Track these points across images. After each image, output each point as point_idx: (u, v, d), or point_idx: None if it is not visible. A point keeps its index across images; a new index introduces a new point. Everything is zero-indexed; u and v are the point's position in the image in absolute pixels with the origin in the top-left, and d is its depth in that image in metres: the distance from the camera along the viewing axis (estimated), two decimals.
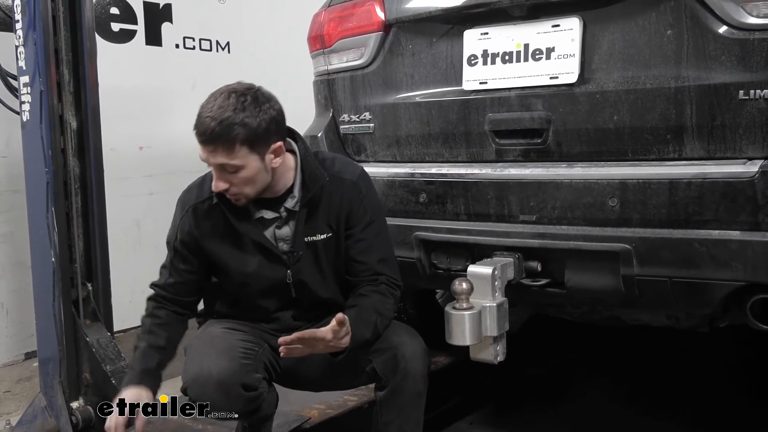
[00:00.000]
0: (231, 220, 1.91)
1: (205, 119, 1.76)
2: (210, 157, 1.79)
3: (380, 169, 2.36)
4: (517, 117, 2.10)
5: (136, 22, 3.93)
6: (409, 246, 2.27)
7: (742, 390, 2.88)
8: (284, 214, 1.93)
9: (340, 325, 1.74)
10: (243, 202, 1.88)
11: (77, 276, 2.49)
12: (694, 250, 1.79)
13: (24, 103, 2.48)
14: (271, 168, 1.84)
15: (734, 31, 1.75)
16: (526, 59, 2.07)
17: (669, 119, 1.87)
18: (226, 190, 1.84)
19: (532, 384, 3.10)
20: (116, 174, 3.30)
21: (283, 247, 1.94)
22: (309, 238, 1.94)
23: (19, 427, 2.55)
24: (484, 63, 2.15)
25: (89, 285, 2.52)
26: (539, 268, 2.09)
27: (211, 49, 4.30)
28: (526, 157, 2.11)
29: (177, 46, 4.12)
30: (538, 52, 2.05)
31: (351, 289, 2.00)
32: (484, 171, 2.15)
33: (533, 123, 2.07)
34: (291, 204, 1.92)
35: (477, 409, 2.89)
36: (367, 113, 2.45)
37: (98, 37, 2.72)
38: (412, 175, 2.29)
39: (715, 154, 1.82)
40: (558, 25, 2.02)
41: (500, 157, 2.17)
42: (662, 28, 1.87)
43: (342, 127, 2.54)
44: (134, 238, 3.94)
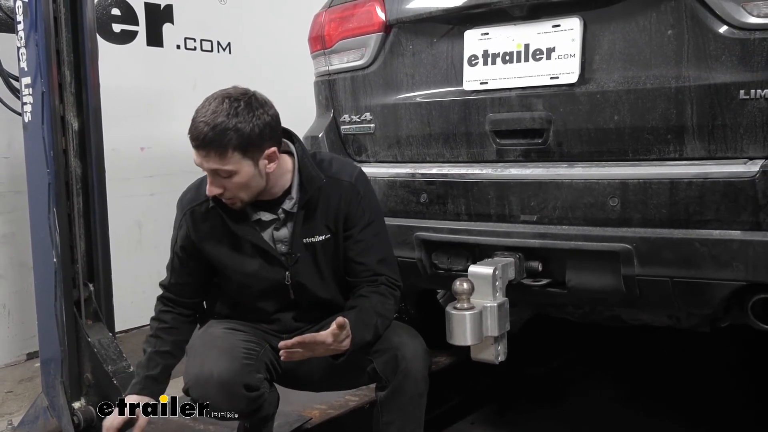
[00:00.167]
0: (228, 223, 1.90)
1: (199, 124, 1.76)
2: (203, 161, 1.79)
3: (381, 170, 2.37)
4: (518, 117, 2.10)
5: (137, 23, 3.94)
6: (410, 246, 2.27)
7: (743, 390, 2.88)
8: (282, 215, 1.93)
9: (341, 329, 1.74)
10: (239, 205, 1.88)
11: (79, 276, 2.49)
12: (695, 250, 1.79)
13: (26, 104, 2.48)
14: (266, 173, 1.84)
15: (735, 31, 1.75)
16: (527, 59, 2.07)
17: (670, 119, 1.87)
18: (220, 195, 1.84)
19: (533, 384, 3.10)
20: (117, 175, 3.31)
21: (281, 248, 1.94)
22: (307, 240, 1.94)
23: (21, 428, 2.55)
24: (485, 63, 2.15)
25: (91, 285, 2.52)
26: (540, 268, 2.09)
27: (212, 50, 4.31)
28: (527, 157, 2.12)
29: (178, 47, 4.14)
30: (538, 52, 2.05)
31: (351, 290, 2.00)
32: (485, 171, 2.15)
33: (534, 123, 2.07)
34: (289, 206, 1.92)
35: (478, 409, 2.89)
36: (368, 114, 2.46)
37: (100, 38, 2.72)
38: (413, 175, 2.29)
39: (716, 154, 1.82)
40: (558, 25, 2.02)
41: (501, 157, 2.17)
42: (663, 28, 1.87)
43: (343, 127, 2.54)
44: (135, 239, 3.95)
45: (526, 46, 2.07)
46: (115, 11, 3.83)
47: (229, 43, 4.38)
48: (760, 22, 1.71)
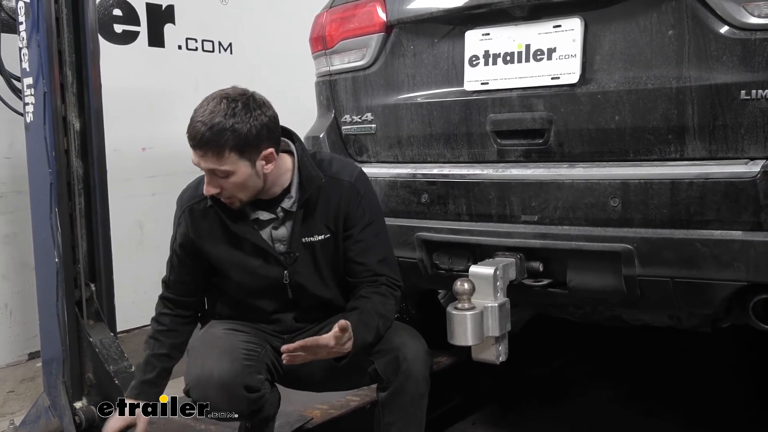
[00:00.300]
0: (226, 222, 1.91)
1: (196, 124, 1.76)
2: (201, 161, 1.79)
3: (382, 170, 2.37)
4: (519, 117, 2.10)
5: (138, 24, 3.94)
6: (411, 246, 2.27)
7: (744, 390, 2.87)
8: (281, 214, 1.93)
9: (343, 332, 1.74)
10: (237, 205, 1.88)
11: (80, 276, 2.50)
12: (696, 251, 1.79)
13: (27, 104, 2.49)
14: (263, 174, 1.84)
15: (736, 31, 1.75)
16: (528, 60, 2.07)
17: (671, 119, 1.87)
18: (218, 194, 1.84)
19: (534, 384, 3.10)
20: (119, 175, 3.31)
21: (280, 248, 1.94)
22: (306, 239, 1.94)
23: (23, 427, 2.55)
24: (486, 63, 2.15)
25: (92, 285, 2.53)
26: (541, 269, 2.09)
27: (213, 50, 4.31)
28: (528, 158, 2.12)
29: (179, 48, 4.13)
30: (539, 53, 2.05)
31: (351, 290, 2.00)
32: (486, 171, 2.15)
33: (535, 123, 2.07)
34: (288, 204, 1.92)
35: (479, 409, 2.89)
36: (369, 114, 2.46)
37: (101, 39, 2.72)
38: (414, 175, 2.29)
39: (717, 154, 1.82)
40: (559, 26, 2.02)
41: (502, 158, 2.17)
42: (663, 29, 1.87)
43: (344, 127, 2.54)
44: (137, 239, 3.95)
45: (527, 47, 2.07)
46: (117, 12, 3.83)
47: (231, 44, 4.38)
48: (761, 23, 1.71)
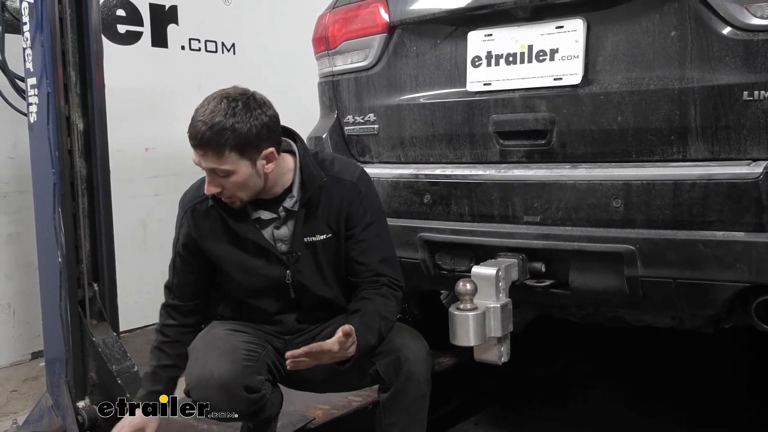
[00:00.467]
0: (228, 221, 1.91)
1: (197, 123, 1.77)
2: (201, 161, 1.80)
3: (385, 170, 2.37)
4: (521, 118, 2.10)
5: (142, 24, 3.95)
6: (414, 247, 2.28)
7: (746, 391, 2.87)
8: (283, 214, 1.93)
9: (346, 337, 1.74)
10: (238, 204, 1.88)
11: (84, 276, 2.50)
12: (699, 252, 1.79)
13: (31, 104, 2.49)
14: (264, 173, 1.84)
15: (738, 32, 1.75)
16: (530, 60, 2.07)
17: (673, 120, 1.86)
18: (219, 194, 1.85)
19: (536, 385, 3.10)
20: (122, 175, 3.32)
21: (282, 247, 1.94)
22: (308, 239, 1.94)
23: (26, 426, 2.56)
24: (488, 64, 2.15)
25: (95, 285, 2.53)
26: (543, 269, 2.09)
27: (216, 51, 4.32)
28: (530, 158, 2.12)
29: (183, 48, 4.15)
30: (541, 54, 2.05)
31: (352, 290, 2.00)
32: (488, 172, 2.15)
33: (537, 124, 2.07)
34: (290, 204, 1.92)
35: (481, 410, 2.89)
36: (372, 114, 2.46)
37: (105, 39, 2.73)
38: (417, 176, 2.29)
39: (720, 155, 1.82)
40: (562, 27, 2.02)
41: (504, 158, 2.17)
42: (666, 30, 1.87)
43: (347, 128, 2.55)
44: (140, 239, 3.96)
45: (530, 48, 2.07)
46: (120, 12, 3.85)
47: (234, 44, 4.39)
48: (764, 24, 1.71)
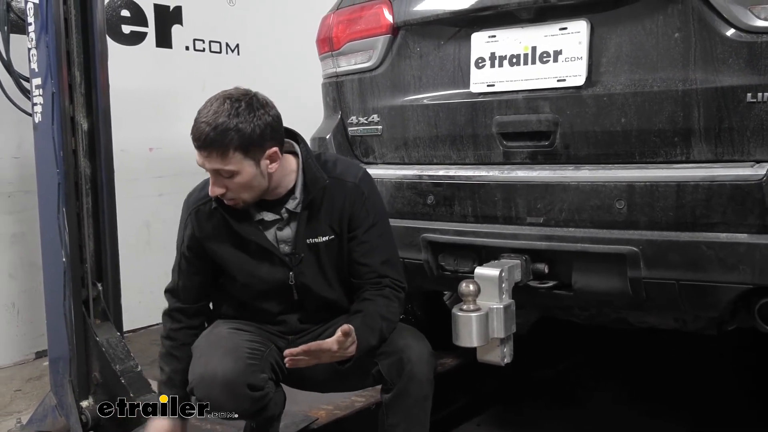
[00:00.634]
0: (231, 223, 1.91)
1: (201, 125, 1.77)
2: (205, 162, 1.80)
3: (388, 171, 2.37)
4: (525, 119, 2.10)
5: (146, 25, 3.96)
6: (417, 248, 2.28)
7: (750, 393, 2.86)
8: (285, 215, 1.93)
9: (346, 336, 1.74)
10: (241, 205, 1.88)
11: (87, 276, 2.51)
12: (702, 253, 1.79)
13: (36, 104, 2.50)
14: (268, 173, 1.84)
15: (742, 34, 1.75)
16: (534, 62, 2.07)
17: (676, 122, 1.86)
18: (222, 195, 1.85)
19: (539, 386, 3.09)
20: (126, 175, 3.33)
21: (285, 248, 1.95)
22: (311, 240, 1.94)
23: (30, 426, 2.57)
24: (492, 65, 2.15)
25: (99, 285, 2.54)
26: (546, 270, 2.09)
27: (220, 51, 4.33)
28: (534, 160, 2.12)
29: (187, 48, 4.16)
30: (545, 55, 2.05)
31: (355, 291, 2.00)
32: (492, 173, 2.16)
33: (540, 125, 2.07)
34: (292, 205, 1.92)
35: (484, 411, 2.88)
36: (375, 115, 2.46)
37: (109, 40, 2.74)
38: (420, 177, 2.30)
39: (723, 157, 1.82)
40: (565, 28, 2.02)
41: (507, 160, 2.17)
42: (670, 31, 1.87)
43: (350, 129, 2.55)
44: (144, 239, 3.97)
45: (533, 49, 2.07)
46: (125, 13, 3.86)
47: (238, 45, 4.40)
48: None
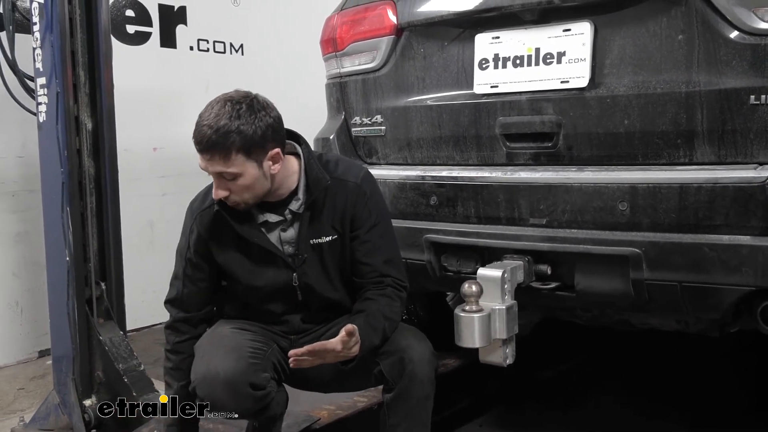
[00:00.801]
0: (234, 226, 1.92)
1: (202, 128, 1.78)
2: (208, 165, 1.81)
3: (391, 172, 2.38)
4: (528, 121, 2.10)
5: (151, 25, 3.97)
6: (420, 248, 2.28)
7: (749, 392, 2.86)
8: (289, 216, 1.94)
9: (350, 336, 1.75)
10: (243, 207, 1.89)
11: (91, 275, 2.52)
12: (704, 255, 1.79)
13: (40, 104, 2.51)
14: (270, 174, 1.85)
15: (746, 36, 1.75)
16: (537, 63, 2.08)
17: (680, 124, 1.87)
18: (226, 198, 1.85)
19: (541, 387, 3.09)
20: (130, 175, 3.34)
21: (288, 250, 1.95)
22: (314, 241, 1.95)
23: (33, 424, 2.58)
24: (496, 67, 2.16)
25: (103, 284, 2.54)
26: (549, 272, 2.09)
27: (224, 51, 4.34)
28: (537, 161, 2.12)
29: (191, 48, 4.17)
30: (549, 56, 2.05)
31: (357, 291, 2.01)
32: (495, 174, 2.16)
33: (544, 127, 2.07)
34: (295, 206, 1.93)
35: (486, 412, 2.88)
36: (379, 116, 2.47)
37: (114, 40, 2.75)
38: (423, 177, 2.30)
39: (726, 159, 1.82)
40: (569, 30, 2.02)
41: (511, 161, 2.17)
42: (673, 33, 1.87)
43: (354, 129, 2.55)
44: (147, 238, 3.98)
45: (537, 50, 2.08)
46: (129, 12, 3.87)
47: (242, 45, 4.41)
48: None
